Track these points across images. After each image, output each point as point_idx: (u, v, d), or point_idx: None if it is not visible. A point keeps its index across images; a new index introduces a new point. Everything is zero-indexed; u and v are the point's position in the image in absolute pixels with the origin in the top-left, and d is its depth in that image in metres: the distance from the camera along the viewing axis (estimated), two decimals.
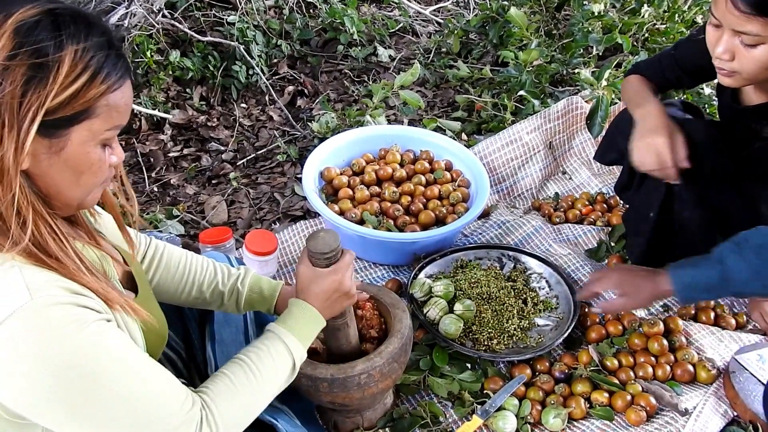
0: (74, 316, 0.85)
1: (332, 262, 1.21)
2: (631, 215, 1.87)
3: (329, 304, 1.21)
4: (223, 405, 1.01)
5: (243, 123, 2.95)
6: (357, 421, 1.47)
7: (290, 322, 1.16)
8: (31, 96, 0.82)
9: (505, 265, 1.92)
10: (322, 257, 1.20)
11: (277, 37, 3.27)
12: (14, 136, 0.82)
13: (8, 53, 0.81)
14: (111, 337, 0.90)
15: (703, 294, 1.37)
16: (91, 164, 0.91)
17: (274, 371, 1.10)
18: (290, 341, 1.13)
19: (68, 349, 0.84)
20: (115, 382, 0.88)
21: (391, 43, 3.54)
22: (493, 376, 1.59)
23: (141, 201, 2.48)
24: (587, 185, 2.38)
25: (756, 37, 1.32)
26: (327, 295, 1.20)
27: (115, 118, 0.91)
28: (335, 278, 1.19)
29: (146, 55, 2.81)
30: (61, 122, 0.86)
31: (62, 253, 0.89)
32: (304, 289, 1.20)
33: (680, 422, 1.46)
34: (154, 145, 2.79)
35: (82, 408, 0.86)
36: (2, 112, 0.81)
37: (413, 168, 2.19)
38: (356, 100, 3.06)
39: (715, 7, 1.36)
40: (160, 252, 1.33)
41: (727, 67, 1.41)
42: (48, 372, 0.83)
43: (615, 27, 2.98)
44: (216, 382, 1.04)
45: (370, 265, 2.03)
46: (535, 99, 2.59)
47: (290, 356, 1.13)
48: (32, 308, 0.82)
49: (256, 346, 1.12)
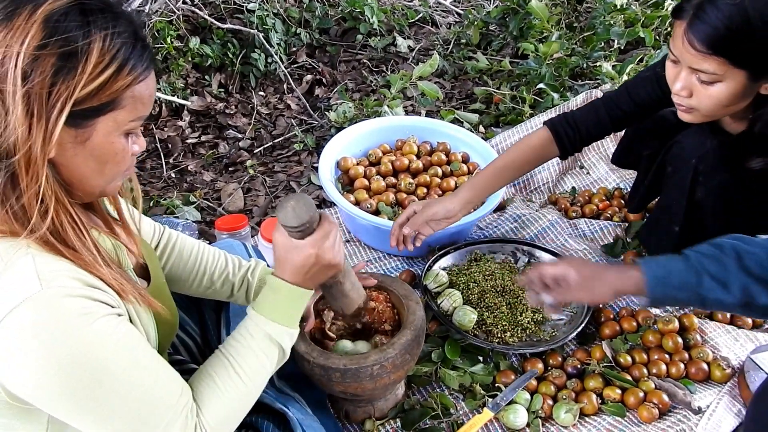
0: (84, 308, 0.85)
1: (308, 233, 1.09)
2: (651, 231, 1.82)
3: (310, 276, 1.12)
4: (211, 410, 1.00)
5: (261, 111, 2.96)
6: (368, 410, 1.48)
7: (267, 306, 1.10)
8: (60, 86, 0.82)
9: (519, 259, 1.92)
10: (293, 230, 1.08)
11: (297, 25, 3.27)
12: (43, 126, 0.83)
13: (38, 43, 0.81)
14: (120, 332, 0.90)
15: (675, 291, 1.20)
16: (115, 154, 0.92)
17: (260, 366, 1.07)
18: (273, 329, 1.08)
19: (75, 341, 0.84)
20: (120, 378, 0.88)
21: (410, 33, 3.52)
22: (505, 370, 1.59)
23: (158, 187, 2.50)
24: (605, 180, 2.36)
25: (712, 75, 1.31)
26: (306, 269, 1.10)
27: (140, 109, 0.91)
28: (310, 252, 1.08)
29: (166, 41, 2.82)
30: (88, 113, 0.86)
31: (80, 243, 0.90)
32: (281, 262, 1.11)
33: (693, 420, 1.45)
34: (173, 132, 2.80)
35: (87, 400, 0.87)
36: (32, 102, 0.82)
37: (430, 159, 2.19)
38: (374, 90, 3.06)
39: (673, 44, 1.35)
40: (173, 241, 1.34)
41: (686, 103, 1.40)
42: (54, 364, 0.83)
43: (637, 20, 2.95)
44: (201, 383, 1.03)
45: (385, 255, 2.03)
46: (554, 92, 2.57)
47: (276, 346, 1.09)
48: (41, 299, 0.82)
49: (237, 339, 1.08)
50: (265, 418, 1.23)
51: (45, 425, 0.93)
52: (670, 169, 1.64)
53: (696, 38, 1.28)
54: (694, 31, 1.28)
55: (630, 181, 2.34)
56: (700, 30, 1.27)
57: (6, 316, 0.81)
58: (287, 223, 1.06)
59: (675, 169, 1.62)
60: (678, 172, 1.60)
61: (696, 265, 1.18)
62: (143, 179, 2.54)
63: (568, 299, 1.33)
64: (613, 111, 1.69)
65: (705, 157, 1.53)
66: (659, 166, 1.69)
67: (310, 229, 1.09)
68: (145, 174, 2.57)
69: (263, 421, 1.23)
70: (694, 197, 1.58)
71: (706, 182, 1.55)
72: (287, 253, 1.10)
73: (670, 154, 1.64)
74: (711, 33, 1.26)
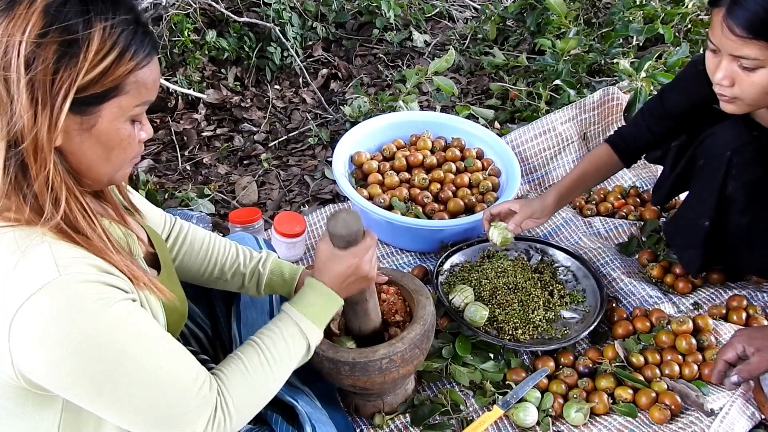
0: (101, 294, 0.87)
1: (352, 244, 1.18)
2: (677, 227, 1.80)
3: (346, 285, 1.19)
4: (237, 390, 1.02)
5: (276, 104, 2.96)
6: (378, 404, 1.48)
7: (305, 304, 1.15)
8: (63, 73, 0.83)
9: (532, 256, 1.91)
10: (341, 239, 1.17)
11: (313, 19, 3.27)
12: (48, 114, 0.84)
13: (39, 31, 0.82)
14: (136, 316, 0.91)
15: None
16: (121, 140, 0.93)
17: (288, 356, 1.10)
18: (305, 324, 1.13)
19: (93, 326, 0.85)
20: (138, 361, 0.90)
21: (426, 28, 3.51)
22: (516, 368, 1.58)
23: (173, 179, 2.51)
24: (620, 178, 2.33)
25: (755, 60, 1.29)
26: (344, 278, 1.18)
27: (144, 95, 0.92)
28: (353, 261, 1.17)
29: (183, 34, 2.83)
30: (91, 99, 0.87)
31: (90, 230, 0.91)
32: (322, 268, 1.18)
33: (705, 422, 1.44)
34: (188, 124, 2.82)
35: (104, 384, 0.88)
36: (36, 90, 0.83)
37: (444, 155, 2.18)
38: (389, 85, 3.05)
39: (712, 32, 1.34)
40: (185, 232, 1.35)
41: (728, 93, 1.38)
42: (72, 348, 0.84)
43: (657, 17, 2.91)
44: (231, 368, 1.05)
45: (397, 251, 2.03)
46: (571, 89, 2.55)
47: (305, 340, 1.13)
48: (60, 284, 0.84)
49: (270, 329, 1.12)
50: (274, 411, 1.24)
51: (59, 412, 0.94)
52: (702, 162, 1.61)
53: (735, 24, 1.26)
54: (733, 16, 1.26)
55: (646, 179, 2.31)
56: (739, 15, 1.26)
57: (24, 303, 0.82)
58: (338, 232, 1.15)
59: (707, 162, 1.59)
60: (710, 164, 1.57)
61: None
62: (158, 171, 2.56)
63: (756, 374, 1.43)
64: (649, 120, 1.74)
65: (740, 150, 1.51)
66: (689, 159, 1.67)
67: (355, 242, 1.18)
68: (161, 166, 2.59)
69: (272, 414, 1.24)
70: (725, 192, 1.56)
71: (738, 176, 1.52)
72: (329, 260, 1.18)
73: (703, 147, 1.62)
74: (750, 17, 1.25)
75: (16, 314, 0.82)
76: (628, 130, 1.80)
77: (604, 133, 2.44)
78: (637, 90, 2.27)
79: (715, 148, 1.56)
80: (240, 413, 1.02)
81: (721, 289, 1.81)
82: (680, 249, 1.79)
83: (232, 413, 1.00)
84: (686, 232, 1.72)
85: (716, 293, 1.80)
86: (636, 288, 1.80)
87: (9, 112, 0.83)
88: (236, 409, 1.01)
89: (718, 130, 1.57)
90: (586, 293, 1.79)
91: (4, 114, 0.84)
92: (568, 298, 1.77)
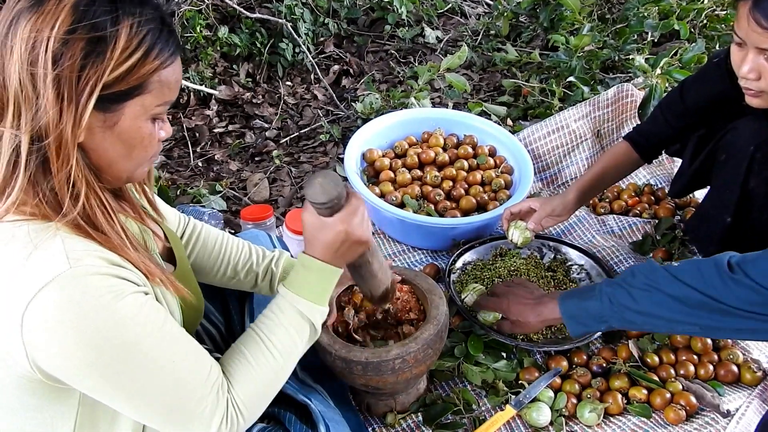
0: (112, 286, 0.87)
1: (336, 210, 1.08)
2: (699, 223, 1.79)
3: (340, 253, 1.11)
4: (244, 385, 1.01)
5: (287, 101, 2.96)
6: (390, 404, 1.47)
7: (299, 283, 1.10)
8: (89, 70, 0.84)
9: (545, 255, 1.89)
10: (321, 207, 1.07)
11: (325, 15, 3.26)
12: (73, 110, 0.84)
13: (67, 27, 0.83)
14: (147, 308, 0.91)
15: (594, 323, 1.33)
16: (142, 138, 0.93)
17: (291, 342, 1.07)
18: (303, 306, 1.08)
19: (104, 318, 0.85)
20: (148, 354, 0.90)
21: (438, 24, 3.49)
22: (529, 367, 1.57)
23: (185, 175, 2.52)
24: (635, 176, 2.31)
25: None
26: (336, 246, 1.09)
27: (166, 94, 0.93)
28: (340, 229, 1.07)
29: (195, 30, 2.83)
30: (116, 97, 0.88)
31: (108, 227, 0.91)
32: (311, 240, 1.11)
33: (721, 423, 1.42)
34: (200, 120, 2.82)
35: (116, 376, 0.88)
36: (62, 86, 0.84)
37: (456, 152, 2.17)
38: (401, 82, 3.04)
39: (737, 25, 1.31)
40: (198, 231, 1.35)
41: (754, 86, 1.35)
42: (84, 340, 0.85)
43: (672, 12, 2.88)
44: (234, 362, 1.03)
45: (409, 249, 2.02)
46: (584, 85, 2.53)
47: (307, 322, 1.09)
48: (71, 276, 0.84)
49: (268, 317, 1.08)
50: (288, 409, 1.24)
51: (76, 406, 0.95)
52: (724, 157, 1.59)
53: (762, 15, 1.24)
54: (759, 9, 1.24)
55: (660, 177, 2.29)
56: (766, 7, 1.24)
57: (36, 295, 0.82)
58: (315, 200, 1.05)
59: (729, 157, 1.57)
60: (733, 159, 1.55)
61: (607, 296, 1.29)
62: (170, 168, 2.57)
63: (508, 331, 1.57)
64: (667, 114, 1.72)
65: (763, 145, 1.49)
66: (709, 154, 1.65)
67: (338, 206, 1.08)
68: (173, 162, 2.59)
69: (285, 413, 1.23)
70: (747, 187, 1.54)
71: (760, 172, 1.50)
72: (317, 231, 1.09)
73: (724, 141, 1.60)
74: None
75: (28, 306, 0.83)
76: (647, 126, 1.79)
77: (617, 130, 2.42)
78: (652, 87, 2.25)
79: (737, 143, 1.54)
80: (250, 408, 1.01)
81: None
82: (702, 245, 1.78)
83: (242, 409, 1.00)
84: (708, 228, 1.71)
85: None
86: None
87: (34, 107, 0.84)
88: (245, 405, 1.00)
89: (740, 125, 1.56)
90: None
91: (29, 109, 0.84)
92: None
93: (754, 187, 1.52)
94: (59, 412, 0.94)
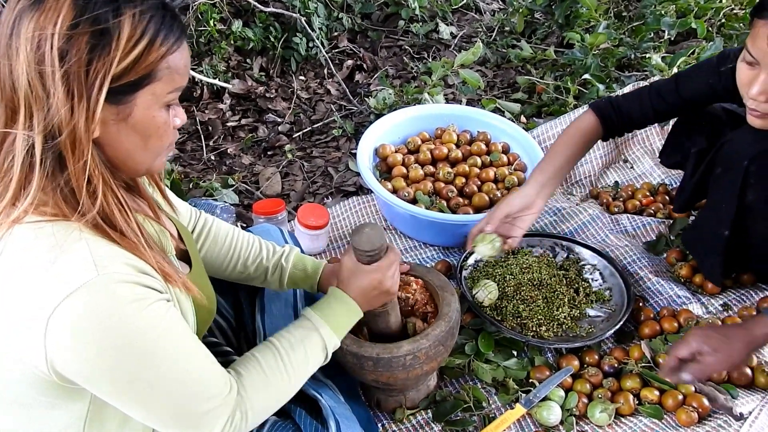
0: (137, 295, 0.87)
1: (375, 259, 1.21)
2: (697, 235, 1.75)
3: (368, 299, 1.21)
4: (255, 392, 1.03)
5: (301, 95, 2.96)
6: (400, 400, 1.47)
7: (327, 312, 1.17)
8: (97, 63, 0.84)
9: (558, 254, 1.88)
10: (364, 254, 1.19)
11: (339, 10, 3.25)
12: (84, 105, 0.84)
13: (70, 22, 0.82)
14: (170, 318, 0.92)
15: None
16: (157, 127, 0.93)
17: (305, 362, 1.11)
18: (325, 332, 1.14)
19: (129, 327, 0.86)
20: (167, 362, 0.91)
21: (453, 19, 3.48)
22: (540, 366, 1.57)
23: (198, 169, 2.53)
24: (649, 175, 2.29)
25: None
26: (366, 291, 1.20)
27: (177, 80, 0.92)
28: (375, 276, 1.19)
29: (209, 24, 2.84)
30: (126, 88, 0.87)
31: (125, 226, 0.91)
32: (346, 282, 1.21)
33: (734, 426, 1.41)
34: (213, 114, 2.83)
35: (134, 383, 0.89)
36: (71, 82, 0.83)
37: (469, 149, 2.16)
38: (415, 77, 3.03)
39: (752, 44, 1.26)
40: (209, 226, 1.35)
41: (762, 109, 1.32)
42: (106, 348, 0.85)
43: (690, 11, 2.84)
44: (249, 370, 1.06)
45: (421, 245, 2.02)
46: (600, 83, 2.51)
47: (323, 347, 1.14)
48: (98, 284, 0.84)
49: (291, 333, 1.13)
50: (298, 405, 1.24)
51: (87, 406, 0.96)
52: (720, 170, 1.56)
53: None
54: None
55: (675, 177, 2.27)
56: None
57: (63, 301, 0.83)
58: (361, 247, 1.18)
59: (725, 170, 1.54)
60: (728, 173, 1.52)
61: None
62: (183, 161, 2.57)
63: (709, 374, 1.35)
64: (657, 101, 1.65)
65: (757, 158, 1.46)
66: (708, 166, 1.62)
67: (378, 256, 1.21)
68: (185, 156, 2.60)
69: (296, 408, 1.23)
70: (744, 200, 1.51)
71: (756, 185, 1.48)
72: (353, 274, 1.20)
73: (720, 154, 1.57)
74: None
75: (54, 312, 0.83)
76: (627, 104, 1.68)
77: None
78: None
79: (733, 156, 1.51)
80: (256, 415, 1.04)
81: (751, 290, 1.77)
82: (701, 257, 1.74)
83: (248, 414, 1.02)
84: (706, 240, 1.67)
85: (746, 294, 1.76)
86: (664, 287, 1.77)
87: (46, 106, 0.84)
88: (252, 411, 1.02)
89: (735, 138, 1.52)
90: (613, 292, 1.76)
91: (41, 109, 0.84)
92: (594, 296, 1.74)
93: (751, 201, 1.49)
94: (71, 409, 0.95)
